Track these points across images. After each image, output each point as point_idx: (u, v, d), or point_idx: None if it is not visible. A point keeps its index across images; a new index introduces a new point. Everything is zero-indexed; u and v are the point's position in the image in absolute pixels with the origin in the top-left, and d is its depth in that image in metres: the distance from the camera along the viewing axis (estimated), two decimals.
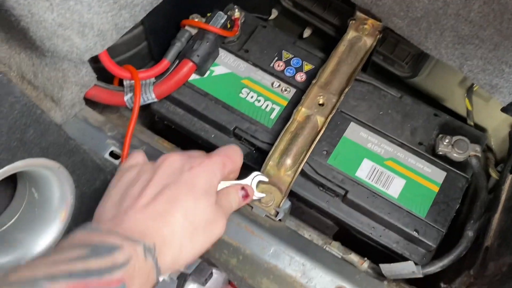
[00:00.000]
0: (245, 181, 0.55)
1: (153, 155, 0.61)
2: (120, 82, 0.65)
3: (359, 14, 0.65)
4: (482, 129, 0.68)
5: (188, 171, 0.45)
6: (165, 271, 0.41)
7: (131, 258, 0.36)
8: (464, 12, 0.50)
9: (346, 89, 0.61)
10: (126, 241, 0.37)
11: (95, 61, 0.60)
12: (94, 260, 0.34)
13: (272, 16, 0.81)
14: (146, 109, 0.71)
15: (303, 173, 0.60)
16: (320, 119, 0.61)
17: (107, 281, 0.34)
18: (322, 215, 0.63)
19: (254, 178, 0.56)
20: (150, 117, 0.77)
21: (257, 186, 0.55)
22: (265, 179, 0.56)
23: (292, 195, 0.61)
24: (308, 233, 0.66)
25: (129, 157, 0.51)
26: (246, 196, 0.53)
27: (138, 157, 0.50)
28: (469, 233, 0.55)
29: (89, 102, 0.65)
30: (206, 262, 0.49)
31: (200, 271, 0.47)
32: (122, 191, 0.45)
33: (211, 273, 0.47)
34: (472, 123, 0.66)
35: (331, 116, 0.60)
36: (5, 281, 0.31)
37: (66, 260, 0.34)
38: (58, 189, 0.49)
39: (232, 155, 0.50)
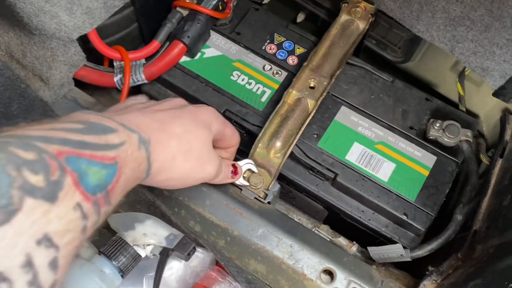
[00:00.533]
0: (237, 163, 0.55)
1: None
2: (111, 64, 0.64)
3: None
4: (474, 115, 0.68)
5: (191, 107, 0.48)
6: (155, 172, 0.41)
7: (125, 142, 0.36)
8: None
9: (337, 72, 0.61)
10: (122, 127, 0.37)
11: (84, 42, 0.60)
12: (89, 136, 0.33)
13: (266, 0, 0.80)
14: (137, 92, 0.71)
15: (293, 156, 0.60)
16: (310, 102, 0.60)
17: (101, 155, 0.33)
18: (312, 199, 0.63)
19: (245, 164, 0.56)
20: None
21: (244, 173, 0.56)
22: (255, 169, 0.57)
23: (282, 178, 0.61)
24: (298, 217, 0.66)
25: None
26: (234, 173, 0.53)
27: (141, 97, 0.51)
28: (458, 217, 0.55)
29: (80, 84, 0.64)
30: (188, 237, 0.48)
31: (183, 245, 0.46)
32: (131, 104, 0.46)
33: (194, 248, 0.47)
34: (464, 109, 0.66)
35: (321, 99, 0.60)
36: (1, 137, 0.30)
37: (62, 128, 0.32)
38: None
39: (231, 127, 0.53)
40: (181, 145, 0.43)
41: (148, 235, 0.49)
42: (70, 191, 0.29)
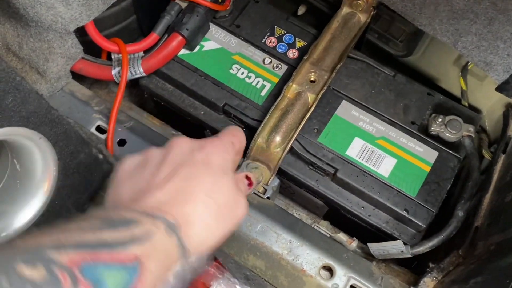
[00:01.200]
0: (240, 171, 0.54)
1: (142, 131, 0.60)
2: (109, 57, 0.63)
3: None
4: (477, 110, 0.67)
5: (199, 151, 0.41)
6: (193, 251, 0.37)
7: (151, 234, 0.32)
8: None
9: (338, 66, 0.60)
10: (145, 217, 0.33)
11: (82, 34, 0.59)
12: (107, 232, 0.30)
13: None
14: (136, 86, 0.70)
15: (292, 151, 0.59)
16: (311, 96, 0.60)
17: (120, 255, 0.29)
18: (312, 195, 0.62)
19: (247, 166, 0.56)
20: (140, 95, 0.76)
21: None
22: (256, 165, 0.57)
23: (282, 174, 0.60)
24: (298, 213, 0.66)
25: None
26: (250, 184, 0.51)
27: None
28: (460, 213, 0.54)
29: (77, 78, 0.63)
30: None
31: None
32: (132, 175, 0.40)
33: None
34: (466, 104, 0.65)
35: (322, 93, 0.59)
36: (9, 247, 0.28)
37: (76, 229, 0.30)
38: (41, 160, 0.48)
39: (237, 134, 0.47)
40: (210, 210, 0.39)
41: None
42: None
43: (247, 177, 0.51)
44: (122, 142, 0.59)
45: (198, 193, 0.39)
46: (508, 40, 0.49)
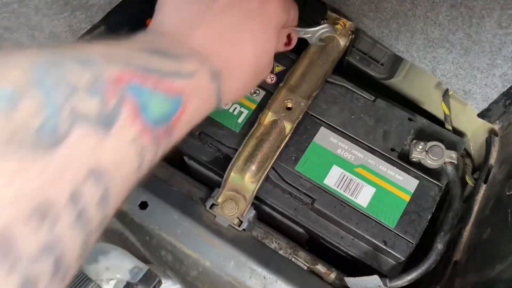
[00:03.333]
0: (311, 30, 0.57)
1: None
2: None
3: (330, 13, 0.62)
4: (461, 134, 0.65)
5: (259, 2, 0.40)
6: (224, 102, 0.37)
7: (196, 74, 0.32)
8: (433, 14, 0.47)
9: (315, 93, 0.59)
10: (192, 55, 0.32)
11: None
12: (157, 59, 0.29)
13: None
14: None
15: (270, 180, 0.58)
16: (287, 124, 0.58)
17: (166, 84, 0.29)
18: (292, 222, 0.61)
19: (321, 31, 0.58)
20: None
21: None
22: (332, 32, 0.59)
23: (260, 201, 0.59)
24: (277, 241, 0.64)
25: None
26: (288, 44, 0.49)
27: None
28: (439, 246, 0.53)
29: None
30: (154, 270, 0.47)
31: (147, 279, 0.45)
32: (184, 2, 0.37)
33: (159, 281, 0.45)
34: (450, 127, 0.64)
35: (298, 121, 0.58)
36: (58, 49, 0.26)
37: (127, 47, 0.29)
38: None
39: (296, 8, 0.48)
40: (251, 65, 0.39)
41: (111, 268, 0.47)
42: (128, 122, 0.25)
43: (289, 36, 0.50)
44: None
45: (247, 45, 0.38)
46: (484, 70, 0.48)
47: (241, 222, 0.56)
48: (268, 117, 0.59)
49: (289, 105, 0.59)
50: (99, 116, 0.24)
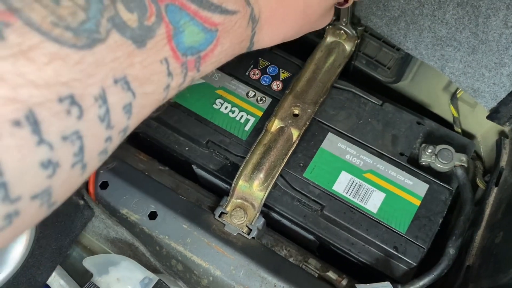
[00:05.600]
0: None
1: (125, 172, 0.59)
2: None
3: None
4: (471, 136, 0.64)
5: None
6: (254, 48, 0.38)
7: (237, 13, 0.31)
8: (440, 13, 0.47)
9: (322, 99, 0.59)
10: None
11: None
12: None
13: None
14: None
15: (278, 187, 0.58)
16: (294, 131, 0.58)
17: (206, 16, 0.29)
18: (302, 229, 0.61)
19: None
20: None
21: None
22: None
23: (269, 209, 0.59)
24: (287, 248, 0.64)
25: None
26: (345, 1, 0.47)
27: None
28: (451, 251, 0.52)
29: None
30: (164, 281, 0.47)
31: None
32: None
33: None
34: (459, 130, 0.63)
35: (305, 127, 0.58)
36: None
37: None
38: None
39: None
40: (299, 19, 0.38)
41: (122, 280, 0.47)
42: (161, 43, 0.26)
43: None
44: (104, 185, 0.58)
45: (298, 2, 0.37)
46: (492, 69, 0.47)
47: (250, 230, 0.56)
48: (275, 124, 0.58)
49: (296, 112, 0.59)
50: (137, 29, 0.25)
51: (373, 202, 0.56)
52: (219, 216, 0.56)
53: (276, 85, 0.63)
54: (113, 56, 0.24)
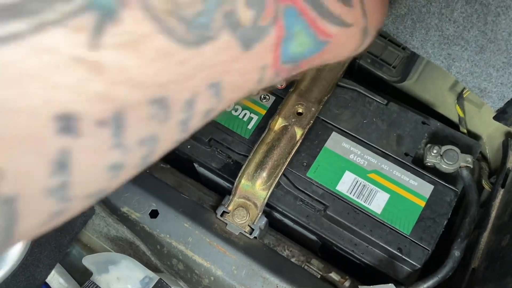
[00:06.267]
0: None
1: None
2: None
3: None
4: (476, 137, 0.63)
5: None
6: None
7: (352, 25, 0.27)
8: (447, 11, 0.46)
9: (326, 97, 0.58)
10: (359, 6, 0.28)
11: None
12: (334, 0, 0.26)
13: None
14: None
15: (281, 187, 0.57)
16: (298, 130, 0.57)
17: (322, 26, 0.25)
18: (304, 229, 0.60)
19: None
20: None
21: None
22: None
23: (272, 208, 0.58)
24: (289, 249, 0.63)
25: None
26: None
27: None
28: (456, 253, 0.51)
29: None
30: (165, 280, 0.46)
31: None
32: None
33: None
34: (465, 130, 0.62)
35: (309, 126, 0.57)
36: None
37: None
38: None
39: None
40: None
41: (122, 278, 0.47)
42: (267, 49, 0.23)
43: None
44: None
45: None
46: (500, 69, 0.46)
47: (252, 230, 0.55)
48: (279, 123, 0.58)
49: (300, 110, 0.58)
50: (249, 29, 0.21)
51: (377, 203, 0.55)
52: (221, 215, 0.56)
53: (280, 84, 0.62)
54: (218, 59, 0.21)
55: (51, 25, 0.16)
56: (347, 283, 0.56)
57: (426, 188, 0.56)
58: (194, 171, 0.64)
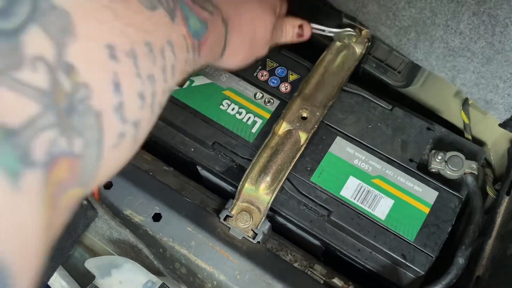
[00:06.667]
0: (334, 30, 0.60)
1: (129, 173, 0.58)
2: None
3: (345, 21, 0.61)
4: (481, 143, 0.63)
5: None
6: (227, 54, 0.46)
7: (214, 13, 0.39)
8: (453, 23, 0.45)
9: (331, 102, 0.58)
10: (214, 3, 0.40)
11: None
12: None
13: None
14: None
15: (285, 191, 0.57)
16: (302, 134, 0.57)
17: (199, 10, 0.36)
18: (308, 234, 0.60)
19: (344, 32, 0.61)
20: None
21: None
22: (353, 33, 0.60)
23: (275, 213, 0.58)
24: (292, 253, 0.63)
25: None
26: (300, 35, 0.57)
27: None
28: (460, 260, 0.51)
29: None
30: (168, 284, 0.46)
31: None
32: None
33: None
34: (470, 137, 0.62)
35: (313, 131, 0.57)
36: None
37: None
38: None
39: None
40: (249, 32, 0.47)
41: (124, 282, 0.46)
42: (181, 22, 0.32)
43: (300, 26, 0.56)
44: (108, 185, 0.57)
45: (247, 15, 0.46)
46: (507, 80, 0.46)
47: (255, 234, 0.55)
48: (283, 127, 0.57)
49: (304, 115, 0.58)
50: (167, 6, 0.30)
51: (381, 209, 0.55)
52: (224, 219, 0.55)
53: (285, 87, 0.62)
54: (163, 21, 0.29)
55: None
56: None
57: (430, 194, 0.56)
58: (197, 174, 0.64)
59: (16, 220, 0.19)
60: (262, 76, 0.63)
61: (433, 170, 0.56)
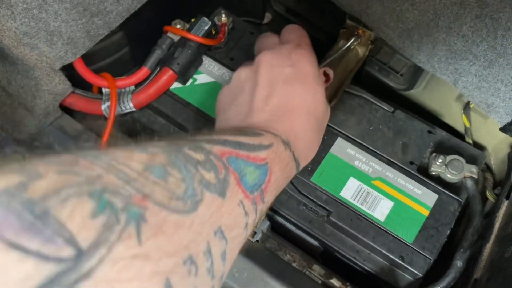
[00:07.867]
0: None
1: None
2: (100, 89, 0.62)
3: (349, 22, 0.61)
4: (482, 147, 0.63)
5: (289, 65, 0.45)
6: (302, 164, 0.45)
7: (273, 144, 0.38)
8: (456, 25, 0.46)
9: (332, 103, 0.58)
10: (266, 131, 0.40)
11: (72, 68, 0.58)
12: (244, 137, 0.36)
13: (266, 21, 0.77)
14: (126, 120, 0.69)
15: (284, 191, 0.57)
16: None
17: (254, 156, 0.35)
18: (306, 235, 0.60)
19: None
20: (131, 126, 0.75)
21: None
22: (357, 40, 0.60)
23: (274, 212, 0.58)
24: (291, 253, 0.63)
25: None
26: (327, 80, 0.54)
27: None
28: (458, 263, 0.51)
29: (71, 110, 0.62)
30: None
31: None
32: (232, 102, 0.45)
33: None
34: (470, 141, 0.62)
35: None
36: (175, 139, 0.32)
37: (220, 134, 0.35)
38: None
39: (303, 33, 0.53)
40: (311, 124, 0.45)
41: None
42: (235, 189, 0.31)
43: (325, 74, 0.54)
44: None
45: (299, 110, 0.44)
46: (509, 83, 0.46)
47: (255, 233, 0.55)
48: None
49: None
50: (217, 184, 0.30)
51: (380, 210, 0.55)
52: None
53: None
54: (210, 212, 0.28)
55: None
56: None
57: (430, 197, 0.56)
58: None
59: None
60: None
61: (433, 173, 0.57)
